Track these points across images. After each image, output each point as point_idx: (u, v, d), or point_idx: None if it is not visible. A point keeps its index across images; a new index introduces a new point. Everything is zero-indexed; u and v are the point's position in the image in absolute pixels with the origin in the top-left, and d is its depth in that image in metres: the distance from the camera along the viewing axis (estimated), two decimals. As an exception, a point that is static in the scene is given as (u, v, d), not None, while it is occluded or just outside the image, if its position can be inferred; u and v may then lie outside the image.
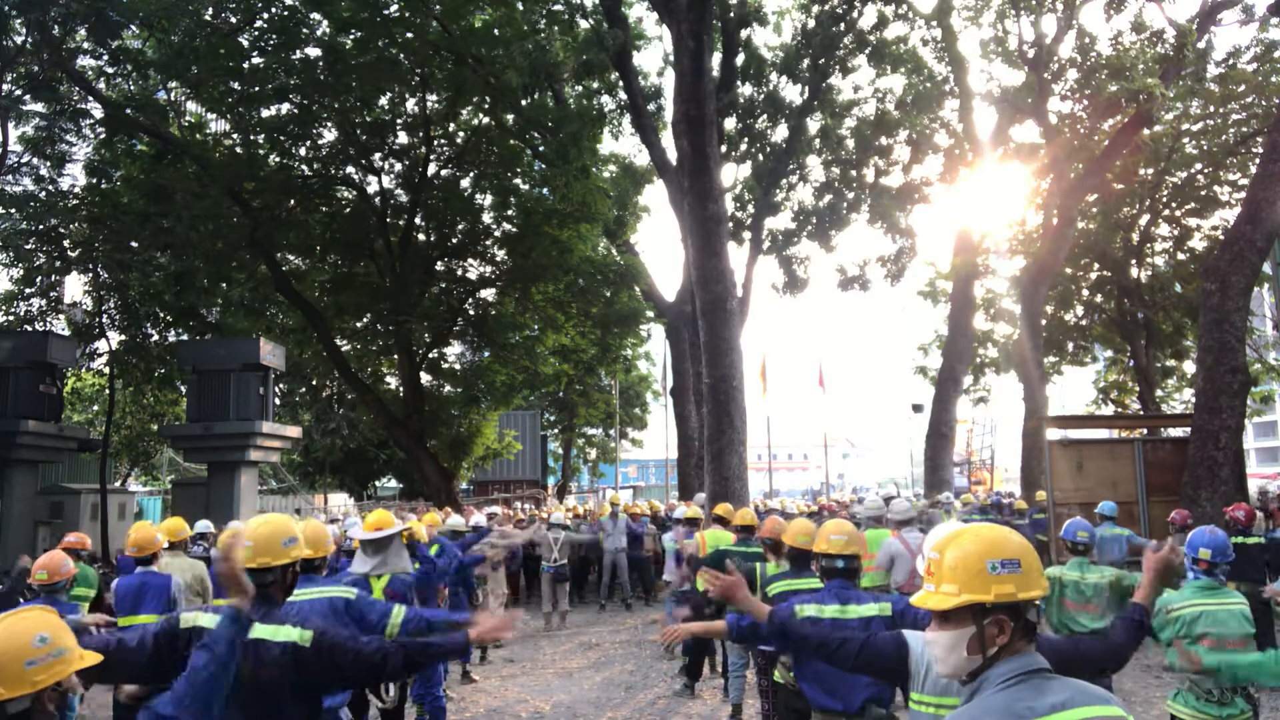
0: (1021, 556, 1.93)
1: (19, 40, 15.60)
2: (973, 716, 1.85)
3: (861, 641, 3.05)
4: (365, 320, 22.54)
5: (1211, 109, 21.68)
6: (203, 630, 2.95)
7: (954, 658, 1.94)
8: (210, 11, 16.44)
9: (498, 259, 21.31)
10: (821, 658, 3.17)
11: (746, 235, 24.20)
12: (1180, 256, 25.57)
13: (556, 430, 38.75)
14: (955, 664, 1.94)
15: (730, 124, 23.52)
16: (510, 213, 20.56)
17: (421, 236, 20.67)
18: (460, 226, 20.67)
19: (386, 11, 17.16)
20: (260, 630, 3.09)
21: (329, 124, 18.52)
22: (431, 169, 19.51)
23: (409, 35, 17.12)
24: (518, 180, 20.36)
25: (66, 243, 17.19)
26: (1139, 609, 3.16)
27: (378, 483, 35.12)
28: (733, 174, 24.55)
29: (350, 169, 20.00)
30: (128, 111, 16.93)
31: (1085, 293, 27.41)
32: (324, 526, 4.49)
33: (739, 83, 23.18)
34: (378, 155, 19.47)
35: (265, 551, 3.18)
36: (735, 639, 3.84)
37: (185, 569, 6.77)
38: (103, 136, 17.41)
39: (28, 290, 17.36)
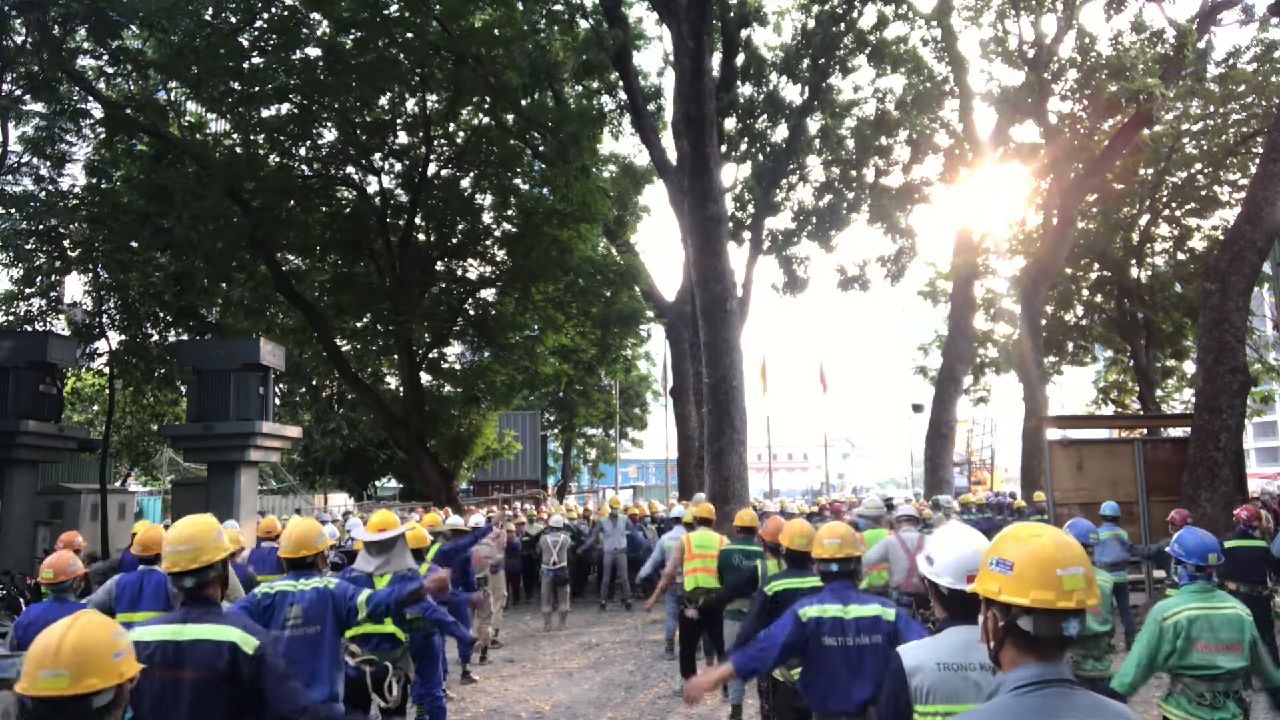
0: (1018, 560, 1.92)
1: (19, 40, 15.57)
2: (984, 713, 1.90)
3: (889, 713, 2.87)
4: (365, 320, 22.53)
5: (1211, 109, 21.70)
6: None
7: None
8: (210, 11, 16.41)
9: (498, 259, 21.29)
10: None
11: (746, 235, 24.20)
12: (1180, 256, 25.58)
13: (556, 430, 38.74)
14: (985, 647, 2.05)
15: (730, 124, 23.51)
16: (510, 213, 20.55)
17: (421, 236, 20.66)
18: (460, 226, 20.66)
19: (386, 11, 17.15)
20: (199, 631, 3.09)
21: (329, 124, 18.51)
22: (431, 169, 19.50)
23: (409, 35, 17.11)
24: (518, 180, 20.35)
25: (66, 243, 17.15)
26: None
27: (378, 483, 35.11)
28: (733, 174, 24.58)
29: (350, 169, 19.99)
30: (128, 111, 16.91)
31: (1085, 293, 27.41)
32: (313, 525, 4.49)
33: (739, 83, 23.17)
34: (378, 155, 19.46)
35: (207, 550, 3.24)
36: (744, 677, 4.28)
37: None
38: (103, 136, 17.38)
39: (28, 290, 17.32)
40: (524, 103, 17.78)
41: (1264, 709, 5.05)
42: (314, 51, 17.66)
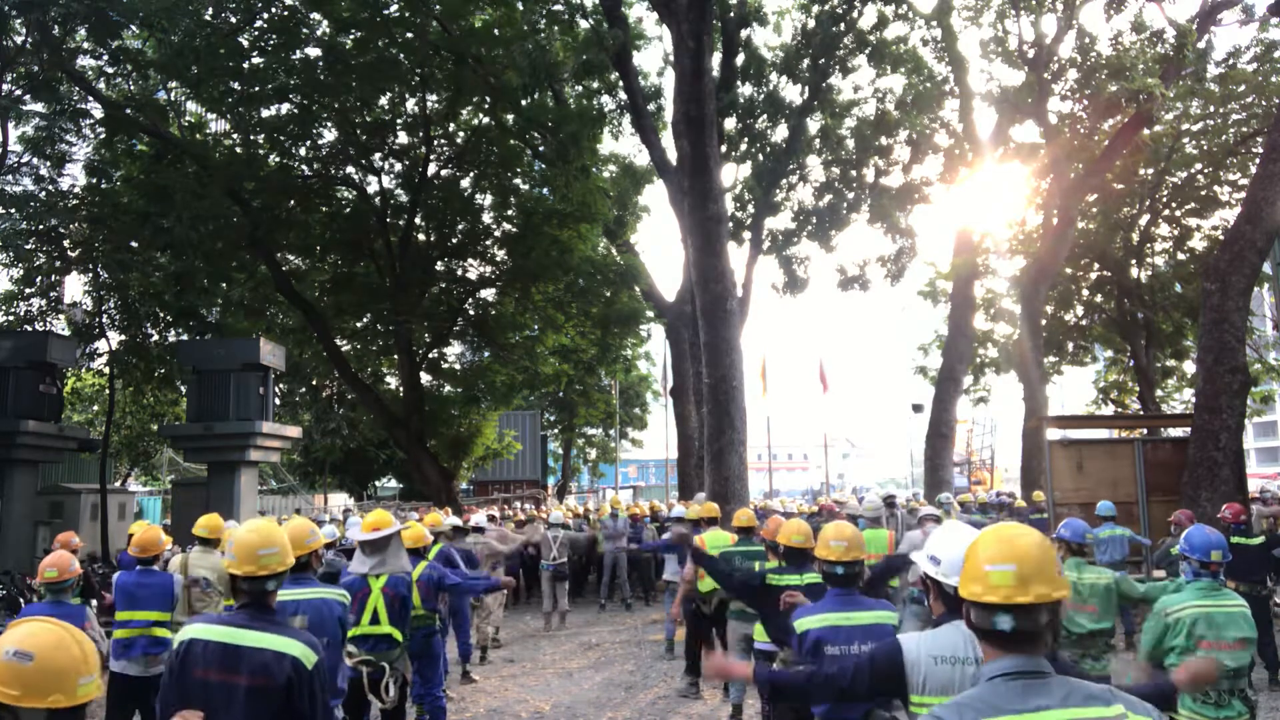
0: (967, 558, 2.09)
1: (19, 40, 15.59)
2: (958, 702, 1.98)
3: (855, 667, 2.95)
4: (365, 320, 22.55)
5: (1211, 109, 21.68)
6: None
7: None
8: (210, 11, 16.43)
9: (498, 259, 21.30)
10: (824, 697, 3.14)
11: (746, 235, 24.19)
12: (1180, 256, 25.56)
13: (556, 430, 38.75)
14: None
15: (730, 124, 23.50)
16: (510, 213, 20.56)
17: (421, 236, 20.67)
18: (460, 226, 20.67)
19: (386, 11, 17.17)
20: (262, 639, 3.04)
21: (329, 124, 18.53)
22: (431, 169, 19.51)
23: (409, 35, 17.13)
24: (518, 180, 20.36)
25: (66, 243, 17.18)
26: (1171, 687, 3.26)
27: (378, 483, 35.13)
28: (733, 174, 24.56)
29: (350, 169, 20.01)
30: (128, 111, 16.93)
31: (1085, 293, 27.39)
32: (305, 524, 4.47)
33: (739, 83, 23.16)
34: (378, 155, 19.47)
35: (290, 552, 3.23)
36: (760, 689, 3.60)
37: (215, 566, 6.72)
38: (103, 136, 17.40)
39: (28, 290, 17.34)
40: (524, 103, 17.78)
41: (1267, 708, 5.05)
42: (314, 51, 17.69)
